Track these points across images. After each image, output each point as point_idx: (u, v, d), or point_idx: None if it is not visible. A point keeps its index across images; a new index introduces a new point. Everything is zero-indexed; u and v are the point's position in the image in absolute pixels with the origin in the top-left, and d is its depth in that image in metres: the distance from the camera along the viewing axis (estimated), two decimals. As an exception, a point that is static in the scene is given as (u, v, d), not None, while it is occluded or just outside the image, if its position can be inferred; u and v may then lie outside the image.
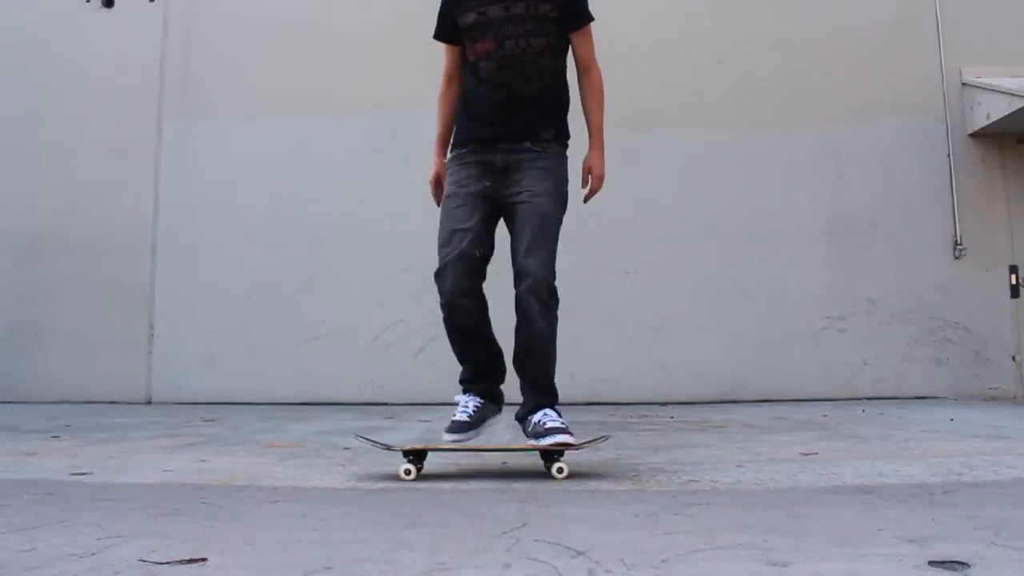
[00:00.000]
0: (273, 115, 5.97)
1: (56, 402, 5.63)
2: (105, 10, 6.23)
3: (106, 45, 6.15)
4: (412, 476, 2.30)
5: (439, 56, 2.72)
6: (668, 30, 5.98)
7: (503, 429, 3.04)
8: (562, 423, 2.37)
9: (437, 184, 2.70)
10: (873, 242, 5.76)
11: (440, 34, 2.66)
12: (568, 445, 2.32)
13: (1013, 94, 5.33)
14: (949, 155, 5.84)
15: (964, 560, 1.34)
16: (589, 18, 2.61)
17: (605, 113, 2.67)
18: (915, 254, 5.74)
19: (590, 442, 2.53)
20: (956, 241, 5.74)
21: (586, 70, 2.64)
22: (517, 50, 2.49)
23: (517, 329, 2.47)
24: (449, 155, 2.66)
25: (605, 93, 2.66)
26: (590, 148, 2.67)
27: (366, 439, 2.57)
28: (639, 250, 5.73)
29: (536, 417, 2.40)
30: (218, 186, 5.95)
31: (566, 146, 2.63)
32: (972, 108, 5.82)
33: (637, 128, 5.75)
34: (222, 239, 5.89)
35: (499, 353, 2.60)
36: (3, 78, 6.21)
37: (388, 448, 2.45)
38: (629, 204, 5.66)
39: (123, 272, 5.92)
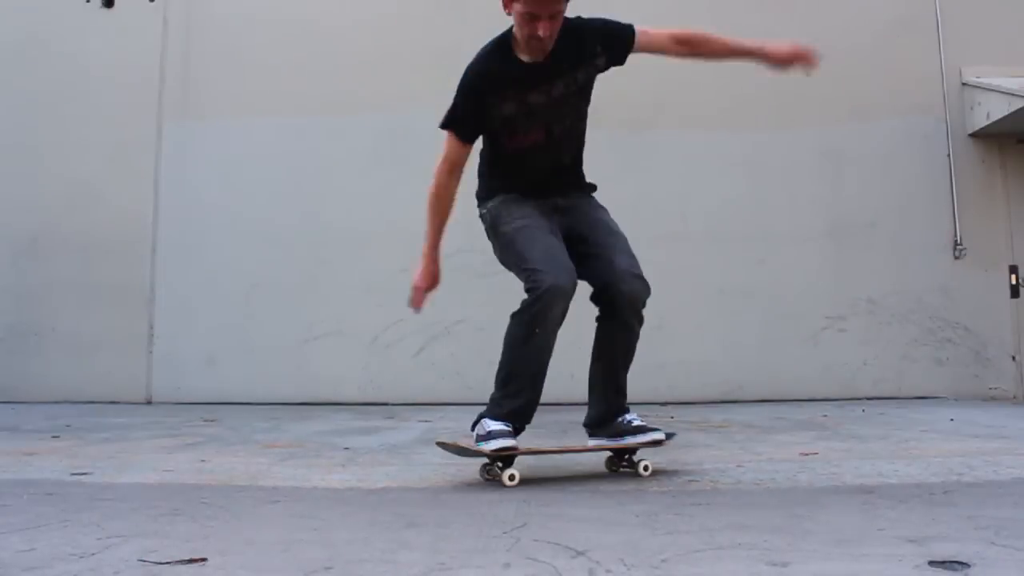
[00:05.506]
0: (273, 115, 5.97)
1: (56, 402, 5.62)
2: (105, 10, 6.23)
3: (106, 45, 6.15)
4: (516, 481, 2.16)
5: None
6: (668, 30, 5.97)
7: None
8: (644, 420, 2.44)
9: (429, 285, 2.39)
10: (873, 242, 5.76)
11: (463, 132, 2.26)
12: (660, 441, 2.37)
13: (1013, 94, 5.33)
14: (949, 155, 5.84)
15: (964, 560, 1.34)
16: (632, 31, 2.35)
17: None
18: (915, 254, 5.74)
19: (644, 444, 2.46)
20: (956, 241, 5.74)
21: (682, 42, 2.45)
22: (564, 132, 2.38)
23: (612, 339, 2.52)
24: (492, 201, 2.42)
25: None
26: (766, 51, 2.49)
27: (446, 445, 2.40)
28: (639, 250, 5.63)
29: (621, 418, 2.45)
30: (218, 186, 5.95)
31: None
32: (972, 108, 5.81)
33: (637, 128, 5.75)
34: (222, 239, 5.89)
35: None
36: (3, 77, 6.21)
37: (478, 454, 2.24)
38: (629, 204, 5.61)
39: (123, 272, 5.92)
